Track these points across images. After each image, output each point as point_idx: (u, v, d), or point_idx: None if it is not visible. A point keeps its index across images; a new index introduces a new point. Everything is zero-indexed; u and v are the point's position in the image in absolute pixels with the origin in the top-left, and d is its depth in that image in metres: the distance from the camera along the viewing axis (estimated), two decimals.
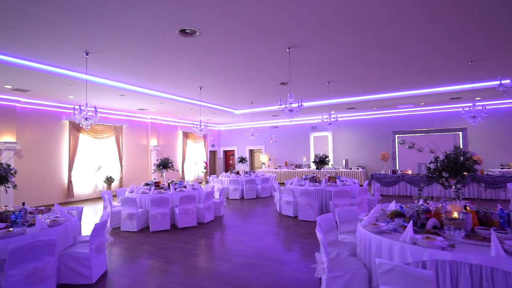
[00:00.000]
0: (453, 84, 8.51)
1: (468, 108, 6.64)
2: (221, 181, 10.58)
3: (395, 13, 4.20)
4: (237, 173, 11.37)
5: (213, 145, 17.30)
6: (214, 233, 5.99)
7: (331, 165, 13.62)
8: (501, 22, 4.55)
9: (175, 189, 6.84)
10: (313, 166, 13.31)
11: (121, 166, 11.68)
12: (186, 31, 4.65)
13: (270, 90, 8.78)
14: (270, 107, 11.57)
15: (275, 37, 4.97)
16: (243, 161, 13.13)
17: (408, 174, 9.59)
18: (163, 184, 7.26)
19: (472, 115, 6.54)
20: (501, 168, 10.13)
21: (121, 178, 11.66)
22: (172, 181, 7.43)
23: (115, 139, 11.61)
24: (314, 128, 14.61)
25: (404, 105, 11.34)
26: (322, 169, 10.41)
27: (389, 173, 9.94)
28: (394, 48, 5.57)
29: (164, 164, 7.94)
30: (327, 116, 8.31)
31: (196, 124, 9.19)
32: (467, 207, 3.05)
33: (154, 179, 7.91)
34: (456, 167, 3.08)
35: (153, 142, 13.15)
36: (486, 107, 7.16)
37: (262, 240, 5.39)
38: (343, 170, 12.84)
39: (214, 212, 7.23)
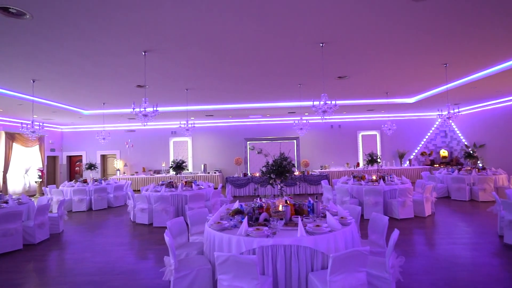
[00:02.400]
0: (288, 100, 10.43)
1: (297, 122, 8.34)
2: (62, 192, 9.02)
3: (240, 35, 4.86)
4: (85, 181, 9.97)
5: (52, 150, 14.45)
6: (49, 254, 5.09)
7: (188, 170, 13.92)
8: (315, 58, 6.00)
9: None
10: (172, 172, 13.22)
11: None
12: (10, 10, 3.84)
13: (125, 91, 8.23)
14: (125, 109, 10.78)
15: (130, 39, 4.79)
16: (93, 167, 11.63)
17: (256, 176, 11.00)
18: None
19: (300, 128, 8.27)
20: (321, 169, 13.12)
21: None
22: None
23: None
24: (174, 133, 14.58)
25: (254, 115, 12.96)
26: (181, 174, 10.53)
27: (241, 176, 11.10)
28: (243, 65, 6.37)
29: None
30: (185, 122, 8.53)
31: (28, 124, 7.52)
32: (287, 201, 3.88)
33: None
34: (280, 170, 3.88)
35: None
36: (310, 121, 9.16)
37: (111, 253, 5.00)
38: (201, 174, 13.37)
39: (50, 229, 6.11)
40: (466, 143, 13.34)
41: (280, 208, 3.77)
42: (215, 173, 13.61)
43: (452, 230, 5.73)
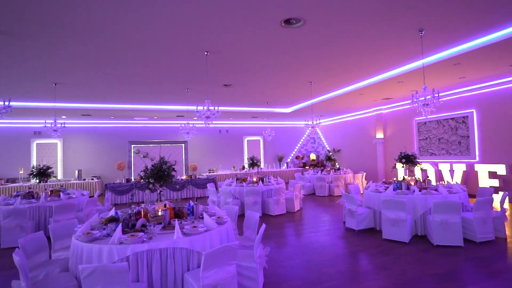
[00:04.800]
0: (176, 104, 10.32)
1: (183, 125, 8.37)
2: None
3: (123, 32, 4.61)
4: None
5: None
6: None
7: (55, 177, 11.96)
8: (201, 65, 6.21)
9: None
10: (33, 180, 11.06)
11: None
12: None
13: None
14: None
15: None
16: None
17: (140, 182, 10.38)
18: None
19: (187, 132, 8.32)
20: (209, 172, 13.43)
21: None
22: None
23: None
24: (38, 133, 12.25)
25: (140, 117, 12.22)
26: (46, 182, 8.93)
27: (124, 182, 10.27)
28: (127, 63, 5.98)
29: None
30: (52, 121, 7.36)
31: None
32: (167, 205, 3.90)
33: None
34: (160, 174, 3.87)
35: None
36: (198, 125, 9.32)
37: None
38: (75, 182, 11.68)
39: None
40: (328, 148, 16.12)
41: (159, 213, 3.76)
42: (92, 179, 12.11)
43: (314, 221, 6.88)
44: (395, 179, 6.23)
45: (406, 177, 6.45)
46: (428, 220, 5.04)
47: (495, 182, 8.26)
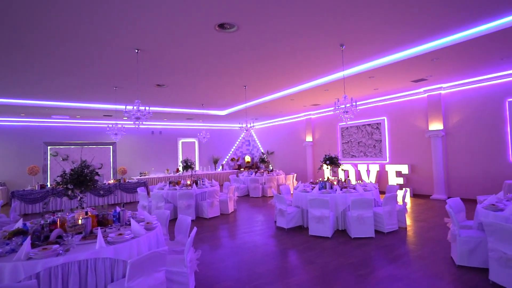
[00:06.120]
0: (103, 103, 9.52)
1: (111, 126, 7.77)
2: None
3: (39, 17, 4.11)
4: None
5: None
6: None
7: None
8: (131, 63, 5.87)
9: None
10: None
11: None
12: None
13: None
14: None
15: None
16: None
17: (57, 188, 9.26)
18: None
19: (115, 133, 7.74)
20: (140, 176, 12.67)
21: None
22: None
23: None
24: None
25: (59, 115, 10.92)
26: None
27: (37, 188, 9.04)
28: (44, 55, 5.32)
29: None
30: None
31: None
32: (89, 213, 3.59)
33: None
34: (80, 179, 3.55)
35: None
36: (127, 126, 8.74)
37: None
38: None
39: None
40: (262, 150, 16.68)
41: (80, 221, 3.45)
42: None
43: (247, 222, 7.05)
44: (321, 179, 6.78)
45: (330, 177, 7.06)
46: (347, 216, 5.62)
47: (400, 180, 9.63)
